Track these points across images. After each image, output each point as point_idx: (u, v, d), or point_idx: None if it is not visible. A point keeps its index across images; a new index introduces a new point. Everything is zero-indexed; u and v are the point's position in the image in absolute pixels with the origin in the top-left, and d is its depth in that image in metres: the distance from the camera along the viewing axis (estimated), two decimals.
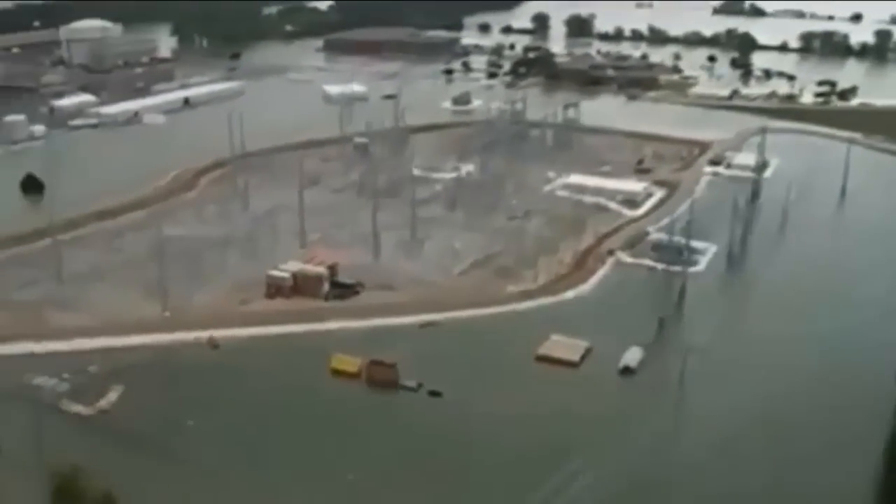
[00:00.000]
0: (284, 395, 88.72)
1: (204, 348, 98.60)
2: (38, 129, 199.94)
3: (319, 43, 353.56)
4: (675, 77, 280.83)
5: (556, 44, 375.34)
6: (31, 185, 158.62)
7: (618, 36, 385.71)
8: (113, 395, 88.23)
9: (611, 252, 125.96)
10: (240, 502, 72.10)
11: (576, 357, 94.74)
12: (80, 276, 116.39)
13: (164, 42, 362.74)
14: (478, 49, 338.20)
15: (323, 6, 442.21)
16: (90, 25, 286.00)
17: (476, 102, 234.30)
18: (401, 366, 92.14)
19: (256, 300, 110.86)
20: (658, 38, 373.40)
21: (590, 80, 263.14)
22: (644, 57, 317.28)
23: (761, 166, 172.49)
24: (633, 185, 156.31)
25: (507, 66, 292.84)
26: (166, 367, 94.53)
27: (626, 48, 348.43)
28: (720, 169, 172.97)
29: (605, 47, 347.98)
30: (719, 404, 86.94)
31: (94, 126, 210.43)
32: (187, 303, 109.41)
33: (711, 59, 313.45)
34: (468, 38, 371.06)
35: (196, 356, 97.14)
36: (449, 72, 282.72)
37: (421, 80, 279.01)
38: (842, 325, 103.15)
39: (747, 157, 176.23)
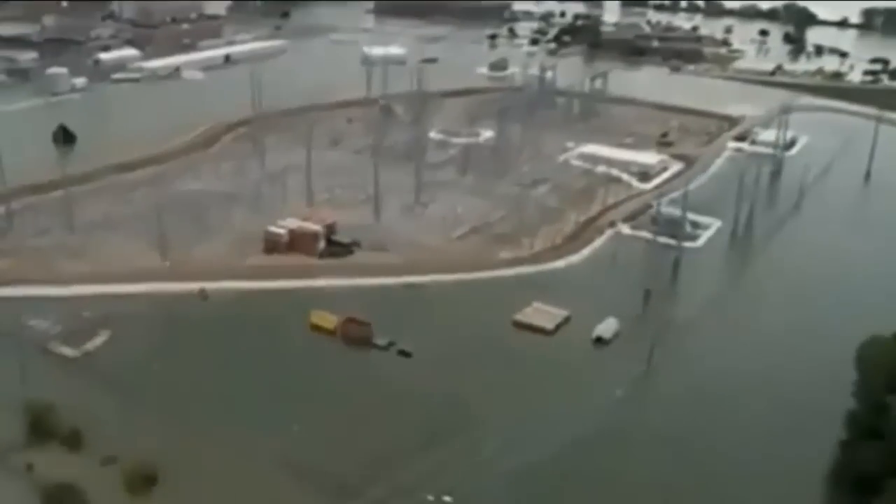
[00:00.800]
0: (260, 346, 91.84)
1: (195, 299, 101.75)
2: (80, 81, 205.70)
3: (371, 5, 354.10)
4: (722, 50, 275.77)
5: (611, 13, 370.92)
6: (63, 136, 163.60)
7: (673, 7, 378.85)
8: (99, 340, 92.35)
9: (611, 224, 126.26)
10: (183, 443, 74.77)
11: (551, 325, 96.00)
12: (92, 225, 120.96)
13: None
14: (527, 15, 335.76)
15: None
16: None
17: (513, 69, 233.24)
18: (379, 325, 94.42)
19: (254, 255, 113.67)
20: (714, 10, 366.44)
21: (633, 51, 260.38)
22: (695, 29, 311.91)
23: (787, 144, 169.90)
24: (649, 158, 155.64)
25: (552, 33, 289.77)
26: (155, 316, 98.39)
27: (679, 19, 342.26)
28: (744, 145, 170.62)
29: (660, 17, 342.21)
30: (682, 380, 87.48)
31: (135, 80, 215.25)
32: (188, 255, 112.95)
33: (763, 32, 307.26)
34: (520, 4, 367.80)
35: (185, 306, 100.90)
36: (493, 37, 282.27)
37: (465, 45, 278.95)
38: (826, 314, 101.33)
39: (775, 134, 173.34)
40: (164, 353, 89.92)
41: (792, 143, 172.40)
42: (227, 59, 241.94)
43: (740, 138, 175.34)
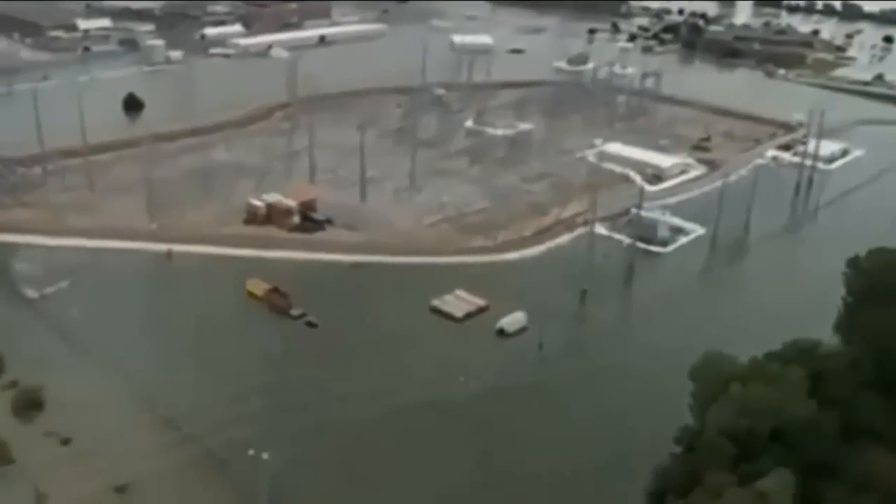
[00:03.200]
0: (193, 304, 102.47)
1: (162, 258, 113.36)
2: (175, 54, 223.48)
3: None
4: (829, 56, 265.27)
5: (743, 11, 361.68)
6: (132, 104, 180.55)
7: (809, 8, 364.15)
8: (60, 285, 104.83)
9: (585, 222, 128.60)
10: (84, 377, 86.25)
11: (460, 313, 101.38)
12: (111, 187, 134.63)
13: None
14: (645, 11, 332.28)
15: None
16: None
17: (592, 64, 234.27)
18: (305, 297, 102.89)
19: (235, 224, 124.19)
20: (851, 12, 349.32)
21: (728, 52, 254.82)
22: (815, 32, 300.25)
23: (833, 157, 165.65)
24: (666, 160, 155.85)
25: (654, 30, 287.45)
26: (119, 269, 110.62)
27: (807, 22, 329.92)
28: (784, 154, 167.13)
29: (791, 18, 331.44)
30: (547, 375, 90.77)
31: (227, 56, 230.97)
32: (177, 220, 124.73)
33: (888, 39, 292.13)
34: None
35: (150, 264, 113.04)
36: (592, 31, 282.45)
37: (564, 38, 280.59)
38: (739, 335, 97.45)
39: (827, 147, 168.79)
40: (105, 301, 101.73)
41: (840, 156, 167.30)
42: (322, 39, 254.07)
43: (786, 147, 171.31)
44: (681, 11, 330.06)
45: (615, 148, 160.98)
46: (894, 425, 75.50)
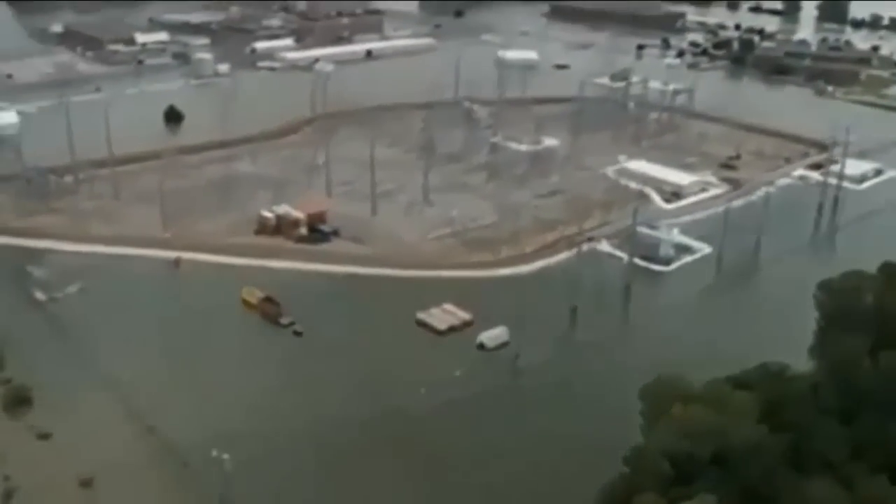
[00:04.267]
0: (191, 310, 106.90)
1: (170, 266, 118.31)
2: (223, 67, 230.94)
3: (547, 6, 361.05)
4: (885, 73, 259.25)
5: (805, 27, 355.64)
6: (173, 116, 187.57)
7: (874, 23, 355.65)
8: (70, 289, 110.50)
9: (590, 238, 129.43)
10: (75, 376, 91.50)
11: (443, 326, 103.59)
12: (136, 197, 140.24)
13: None
14: (701, 26, 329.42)
15: None
16: None
17: (636, 80, 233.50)
18: (297, 307, 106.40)
19: (245, 234, 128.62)
20: None
21: (777, 69, 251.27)
22: (874, 49, 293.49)
23: (864, 176, 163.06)
24: (685, 178, 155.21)
25: (706, 46, 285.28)
26: (128, 275, 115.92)
27: (867, 37, 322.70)
28: (813, 174, 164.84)
29: (855, 35, 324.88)
30: (522, 399, 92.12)
31: (273, 69, 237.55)
32: (190, 229, 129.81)
33: None
34: (700, 14, 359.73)
35: (158, 271, 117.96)
36: (641, 47, 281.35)
37: (613, 54, 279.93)
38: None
39: (858, 166, 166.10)
40: (109, 305, 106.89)
41: (872, 176, 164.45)
42: (369, 53, 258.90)
43: (816, 166, 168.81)
44: (738, 27, 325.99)
45: (636, 165, 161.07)
46: (848, 454, 74.76)
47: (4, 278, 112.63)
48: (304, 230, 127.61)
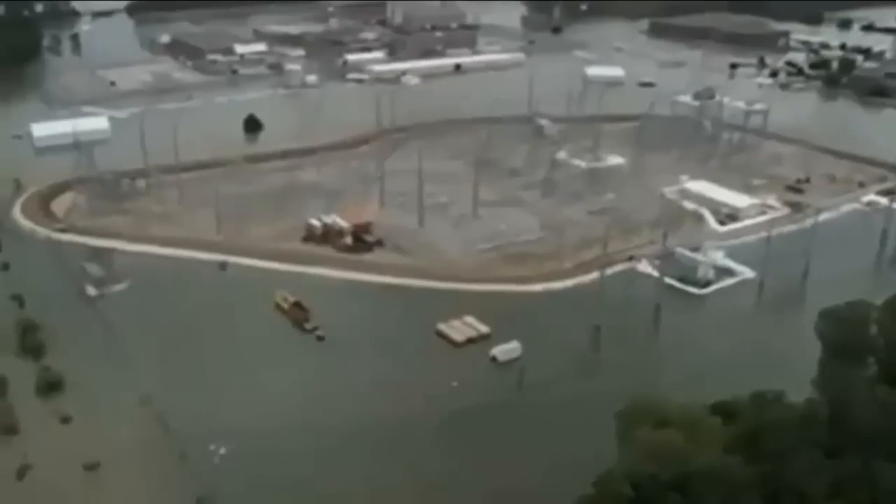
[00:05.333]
0: (227, 311, 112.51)
1: (215, 268, 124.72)
2: (311, 78, 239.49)
3: (646, 24, 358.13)
4: None
5: None
6: (252, 125, 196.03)
7: None
8: (119, 286, 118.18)
9: (630, 258, 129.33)
10: (110, 367, 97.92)
11: (461, 338, 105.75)
12: (198, 202, 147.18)
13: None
14: (805, 45, 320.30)
15: None
16: None
17: (735, 101, 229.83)
18: (326, 313, 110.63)
19: (293, 241, 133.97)
20: None
21: (874, 90, 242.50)
22: None
23: None
24: (743, 200, 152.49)
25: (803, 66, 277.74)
26: (176, 275, 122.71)
27: None
28: (882, 200, 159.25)
29: None
30: (518, 414, 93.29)
31: (360, 81, 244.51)
32: (243, 234, 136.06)
33: None
34: (810, 34, 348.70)
35: (204, 272, 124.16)
36: (734, 66, 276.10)
37: (705, 72, 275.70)
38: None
39: None
40: (152, 303, 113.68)
41: None
42: (458, 67, 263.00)
43: (888, 192, 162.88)
44: (843, 46, 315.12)
45: (696, 185, 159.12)
46: (827, 489, 73.35)
47: (64, 273, 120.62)
48: (348, 239, 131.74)
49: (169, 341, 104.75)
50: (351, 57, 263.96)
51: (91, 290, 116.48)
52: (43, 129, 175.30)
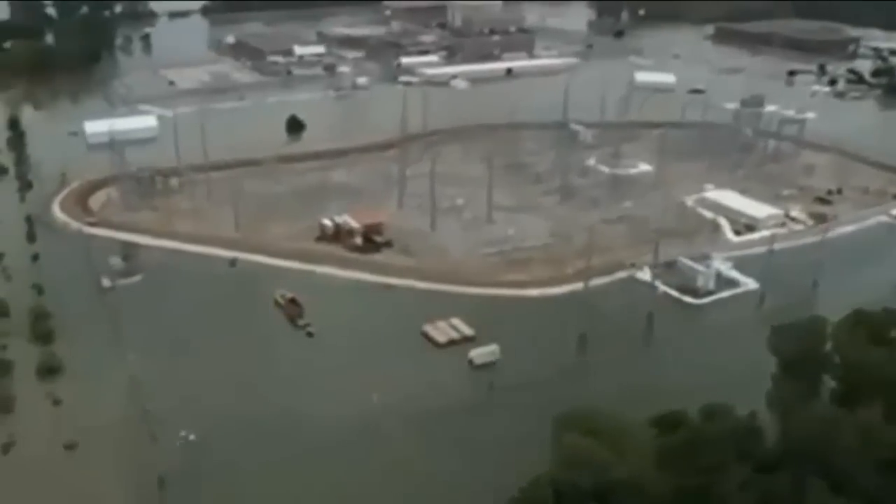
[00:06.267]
0: (229, 306, 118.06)
1: (226, 264, 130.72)
2: (362, 80, 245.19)
3: (711, 30, 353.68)
4: None
5: None
6: (294, 125, 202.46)
7: None
8: (133, 279, 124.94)
9: (632, 265, 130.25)
10: (108, 354, 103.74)
11: (443, 339, 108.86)
12: (224, 200, 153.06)
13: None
14: (875, 52, 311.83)
15: None
16: None
17: (771, 107, 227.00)
18: (324, 310, 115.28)
19: (306, 240, 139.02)
20: None
21: None
22: None
23: None
24: (763, 211, 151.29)
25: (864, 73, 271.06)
26: (187, 270, 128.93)
27: None
28: None
29: None
30: (477, 415, 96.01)
31: (409, 84, 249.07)
32: (259, 232, 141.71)
33: None
34: (882, 39, 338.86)
35: (215, 268, 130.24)
36: (792, 73, 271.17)
37: (762, 80, 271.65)
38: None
39: None
40: (160, 296, 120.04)
41: None
42: (509, 72, 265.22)
43: None
44: None
45: (718, 195, 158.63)
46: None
47: (87, 265, 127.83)
48: (358, 240, 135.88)
49: (166, 331, 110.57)
50: (405, 60, 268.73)
51: (106, 282, 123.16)
52: (95, 127, 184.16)
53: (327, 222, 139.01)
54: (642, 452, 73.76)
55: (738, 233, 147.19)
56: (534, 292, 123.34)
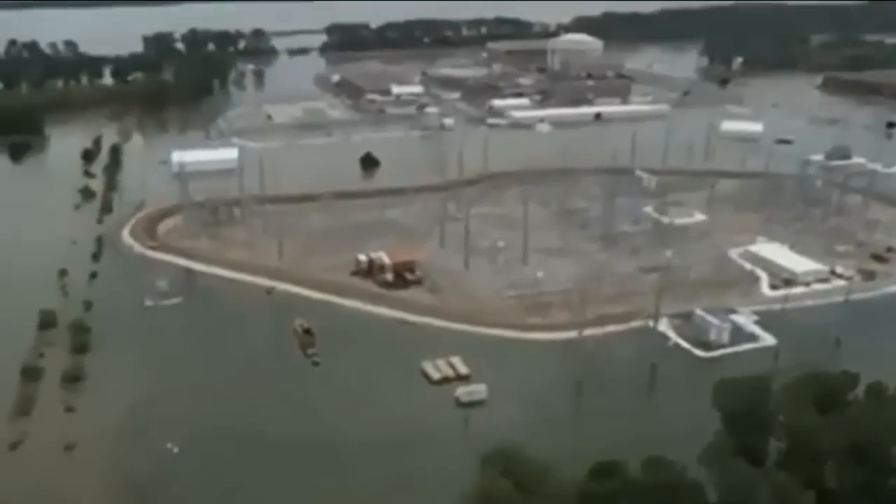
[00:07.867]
0: (254, 332, 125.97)
1: (262, 291, 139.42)
2: (448, 121, 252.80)
3: (820, 79, 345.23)
4: None
5: None
6: (369, 162, 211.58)
7: None
8: (172, 301, 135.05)
9: (649, 315, 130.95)
10: (132, 368, 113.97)
11: (437, 376, 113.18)
12: (278, 232, 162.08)
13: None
14: None
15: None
16: (575, 39, 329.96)
17: (859, 159, 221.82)
18: (336, 341, 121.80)
19: (342, 273, 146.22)
20: None
21: None
22: None
23: None
24: (804, 265, 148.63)
25: None
26: (225, 295, 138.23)
27: None
28: None
29: None
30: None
31: (494, 126, 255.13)
32: (300, 264, 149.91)
33: None
34: None
35: (252, 295, 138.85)
36: (891, 125, 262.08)
37: (859, 130, 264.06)
38: None
39: None
40: (195, 317, 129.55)
41: None
42: (598, 116, 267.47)
43: None
44: None
45: (763, 248, 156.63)
46: None
47: (137, 285, 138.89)
48: (389, 276, 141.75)
49: (191, 350, 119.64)
50: (497, 102, 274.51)
51: (148, 302, 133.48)
52: (180, 157, 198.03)
53: (362, 258, 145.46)
54: (563, 497, 75.66)
55: (775, 287, 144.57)
56: (541, 336, 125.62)
